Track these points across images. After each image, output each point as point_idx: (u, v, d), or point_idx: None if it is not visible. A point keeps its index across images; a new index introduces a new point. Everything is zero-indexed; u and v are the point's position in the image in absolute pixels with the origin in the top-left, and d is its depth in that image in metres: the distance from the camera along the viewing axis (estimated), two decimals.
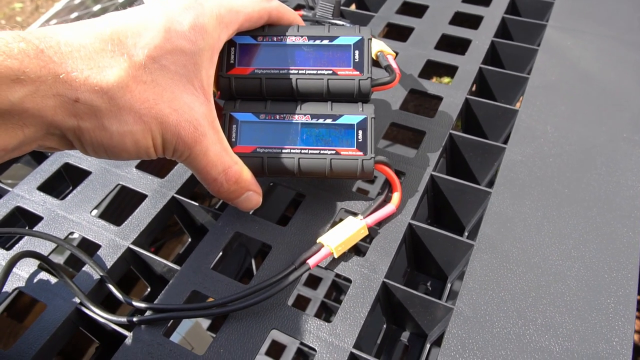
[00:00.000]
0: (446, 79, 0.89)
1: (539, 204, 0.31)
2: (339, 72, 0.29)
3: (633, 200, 0.31)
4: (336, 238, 0.28)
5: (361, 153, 0.28)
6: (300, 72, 0.29)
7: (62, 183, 0.38)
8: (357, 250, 0.64)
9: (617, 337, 0.25)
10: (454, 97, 0.38)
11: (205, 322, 0.60)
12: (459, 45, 0.44)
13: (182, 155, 0.25)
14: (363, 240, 0.49)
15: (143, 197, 0.33)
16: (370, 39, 0.30)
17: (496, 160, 0.35)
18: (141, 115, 0.22)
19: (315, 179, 0.32)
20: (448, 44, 0.45)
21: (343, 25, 0.38)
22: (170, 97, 0.23)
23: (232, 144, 0.28)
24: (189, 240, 0.37)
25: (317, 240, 0.28)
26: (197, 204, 0.32)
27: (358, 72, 0.29)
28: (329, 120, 0.29)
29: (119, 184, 0.34)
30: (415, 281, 0.34)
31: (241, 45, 0.29)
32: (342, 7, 0.48)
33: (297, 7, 0.50)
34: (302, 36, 0.30)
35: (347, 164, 0.28)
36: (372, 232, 0.30)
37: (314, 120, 0.29)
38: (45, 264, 0.28)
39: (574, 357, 0.24)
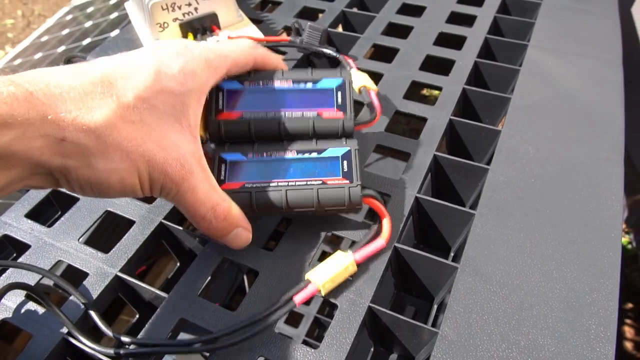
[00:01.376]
0: (437, 92, 0.91)
1: (522, 225, 0.32)
2: (323, 114, 0.31)
3: (613, 220, 0.32)
4: (324, 275, 0.27)
5: (347, 181, 0.29)
6: (286, 114, 0.30)
7: (51, 208, 0.38)
8: None
9: (598, 358, 0.25)
10: (438, 118, 0.39)
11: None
12: (443, 66, 0.45)
13: (170, 193, 0.25)
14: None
15: (131, 222, 0.33)
16: (351, 82, 0.32)
17: (480, 180, 0.36)
18: (128, 154, 0.22)
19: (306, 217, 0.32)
20: (433, 64, 0.46)
21: (330, 53, 0.40)
22: (158, 135, 0.24)
23: (221, 182, 0.29)
24: (178, 264, 0.37)
25: (305, 276, 0.28)
26: (184, 229, 0.33)
27: (342, 113, 0.31)
28: (314, 154, 0.30)
29: (106, 210, 0.34)
30: (402, 303, 0.35)
31: (229, 91, 0.31)
32: (329, 29, 0.49)
33: (287, 31, 0.50)
34: (287, 80, 0.31)
35: (334, 193, 0.29)
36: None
37: (300, 155, 0.30)
38: (33, 294, 0.28)
39: None
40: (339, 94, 0.31)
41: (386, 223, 0.30)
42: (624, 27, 0.50)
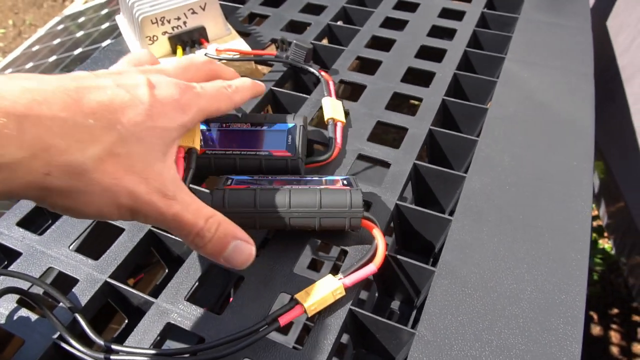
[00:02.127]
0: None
1: (496, 230, 0.33)
2: (273, 153, 0.34)
3: (582, 225, 0.33)
4: (311, 297, 0.28)
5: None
6: (242, 152, 0.34)
7: (42, 217, 0.39)
8: (337, 271, 0.65)
9: (566, 356, 0.27)
10: (418, 128, 0.40)
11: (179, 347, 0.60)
12: (424, 77, 0.47)
13: (156, 220, 0.25)
14: (338, 259, 0.50)
15: (120, 230, 0.34)
16: (303, 126, 0.36)
17: (458, 188, 0.37)
18: (110, 187, 0.22)
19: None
20: (414, 75, 0.47)
21: (313, 72, 0.42)
22: (142, 166, 0.24)
23: None
24: (166, 271, 0.38)
25: (294, 296, 0.28)
26: (173, 236, 0.34)
27: (290, 154, 0.34)
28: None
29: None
30: (384, 306, 0.36)
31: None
32: (314, 42, 0.51)
33: (274, 43, 0.52)
34: (246, 123, 0.36)
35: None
36: (345, 250, 0.32)
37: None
38: (27, 297, 0.29)
39: None
40: (289, 136, 0.35)
41: (380, 249, 0.30)
42: (599, 40, 0.52)
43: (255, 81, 0.33)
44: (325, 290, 0.28)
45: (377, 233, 0.31)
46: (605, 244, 1.08)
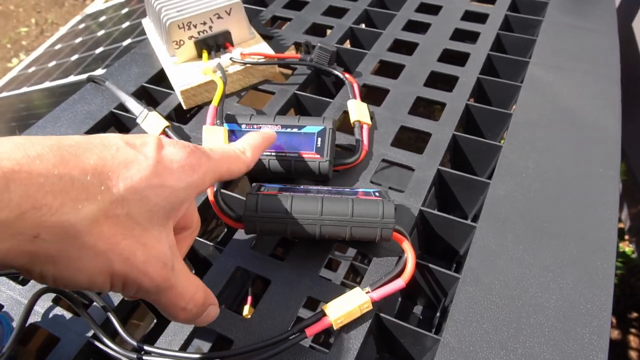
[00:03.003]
0: None
1: (521, 238, 0.33)
2: (303, 155, 0.35)
3: (607, 234, 0.33)
4: (339, 310, 0.28)
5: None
6: (272, 154, 0.35)
7: None
8: (354, 271, 0.66)
9: None
10: (442, 134, 0.41)
11: (206, 346, 0.62)
12: (447, 81, 0.47)
13: (148, 293, 0.22)
14: (361, 262, 0.51)
15: None
16: (332, 128, 0.36)
17: (482, 194, 0.38)
18: (105, 251, 0.20)
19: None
20: (437, 80, 0.47)
21: (337, 74, 0.43)
22: (141, 230, 0.21)
23: None
24: (193, 272, 0.39)
25: (322, 307, 0.29)
26: (200, 239, 0.35)
27: (319, 156, 0.35)
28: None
29: None
30: (407, 310, 0.36)
31: (228, 131, 0.36)
32: (336, 45, 0.51)
33: (296, 47, 0.52)
34: (277, 125, 0.37)
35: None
36: (369, 256, 0.32)
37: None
38: (64, 297, 0.30)
39: None
40: (319, 139, 0.36)
41: (410, 264, 0.30)
42: (625, 42, 0.51)
43: (264, 132, 0.31)
44: (352, 303, 0.28)
45: (407, 247, 0.31)
46: (626, 247, 1.06)
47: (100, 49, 1.08)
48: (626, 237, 1.04)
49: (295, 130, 0.36)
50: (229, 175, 0.27)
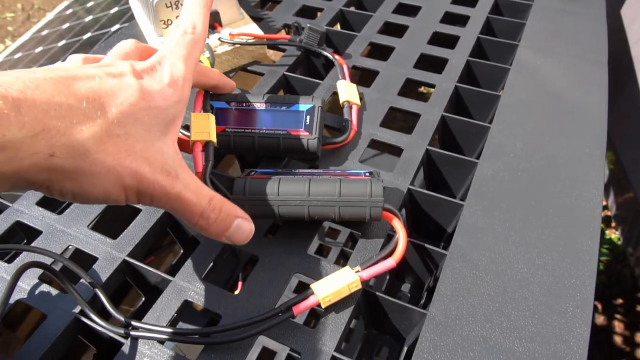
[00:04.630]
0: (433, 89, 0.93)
1: (507, 216, 0.33)
2: (292, 132, 0.35)
3: (592, 212, 0.34)
4: (327, 289, 0.28)
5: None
6: (260, 131, 0.35)
7: None
8: (345, 257, 0.66)
9: (574, 338, 0.27)
10: (431, 114, 0.41)
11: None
12: (437, 63, 0.47)
13: (161, 201, 0.25)
14: (346, 245, 0.51)
15: (137, 211, 0.35)
16: (321, 107, 0.36)
17: (470, 173, 0.38)
18: (115, 166, 0.23)
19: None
20: (427, 62, 0.47)
21: (327, 55, 0.42)
22: (143, 147, 0.24)
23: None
24: (181, 251, 0.39)
25: (310, 286, 0.29)
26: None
27: (308, 133, 0.35)
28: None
29: None
30: (394, 289, 0.37)
31: (217, 109, 0.36)
32: (327, 27, 0.51)
33: (286, 29, 0.52)
34: (265, 102, 0.36)
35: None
36: (355, 236, 0.32)
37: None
38: (50, 272, 0.30)
39: (534, 357, 0.27)
40: (308, 117, 0.35)
41: (401, 243, 0.29)
42: (613, 29, 0.52)
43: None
44: (341, 282, 0.28)
45: (398, 226, 0.30)
46: (612, 234, 1.08)
47: (87, 35, 1.07)
48: (613, 224, 1.06)
49: (284, 108, 0.36)
50: (195, 62, 0.29)
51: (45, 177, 0.21)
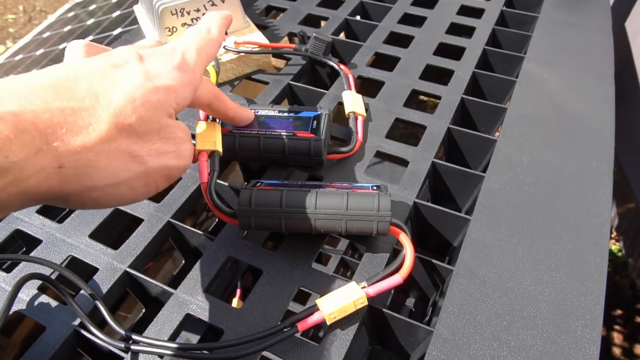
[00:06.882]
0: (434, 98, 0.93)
1: (514, 231, 0.33)
2: (297, 134, 0.35)
3: (600, 228, 0.33)
4: (332, 305, 0.27)
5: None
6: (266, 132, 0.35)
7: None
8: (346, 267, 0.66)
9: (583, 358, 0.27)
10: (437, 127, 0.40)
11: (195, 338, 0.61)
12: (442, 75, 0.47)
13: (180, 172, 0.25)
14: (352, 256, 0.50)
15: (139, 220, 0.34)
16: (329, 115, 0.36)
17: (476, 187, 0.37)
18: (134, 158, 0.22)
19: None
20: (432, 73, 0.47)
21: (332, 65, 0.42)
22: (156, 130, 0.23)
23: None
24: (183, 262, 0.39)
25: (316, 301, 0.28)
26: (192, 228, 0.34)
27: (313, 135, 0.34)
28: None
29: (116, 208, 0.35)
30: (399, 303, 0.36)
31: None
32: (332, 36, 0.50)
33: (290, 38, 0.52)
34: (273, 109, 0.37)
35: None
36: (360, 249, 0.32)
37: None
38: (51, 284, 0.29)
39: None
40: (315, 122, 0.35)
41: (409, 259, 0.29)
42: (617, 41, 0.51)
43: (221, 11, 0.31)
44: (347, 298, 0.28)
45: (406, 241, 0.29)
46: (612, 245, 1.07)
47: (89, 38, 1.06)
48: (613, 234, 1.06)
49: (291, 114, 0.36)
50: (208, 58, 0.28)
51: (59, 190, 0.20)
